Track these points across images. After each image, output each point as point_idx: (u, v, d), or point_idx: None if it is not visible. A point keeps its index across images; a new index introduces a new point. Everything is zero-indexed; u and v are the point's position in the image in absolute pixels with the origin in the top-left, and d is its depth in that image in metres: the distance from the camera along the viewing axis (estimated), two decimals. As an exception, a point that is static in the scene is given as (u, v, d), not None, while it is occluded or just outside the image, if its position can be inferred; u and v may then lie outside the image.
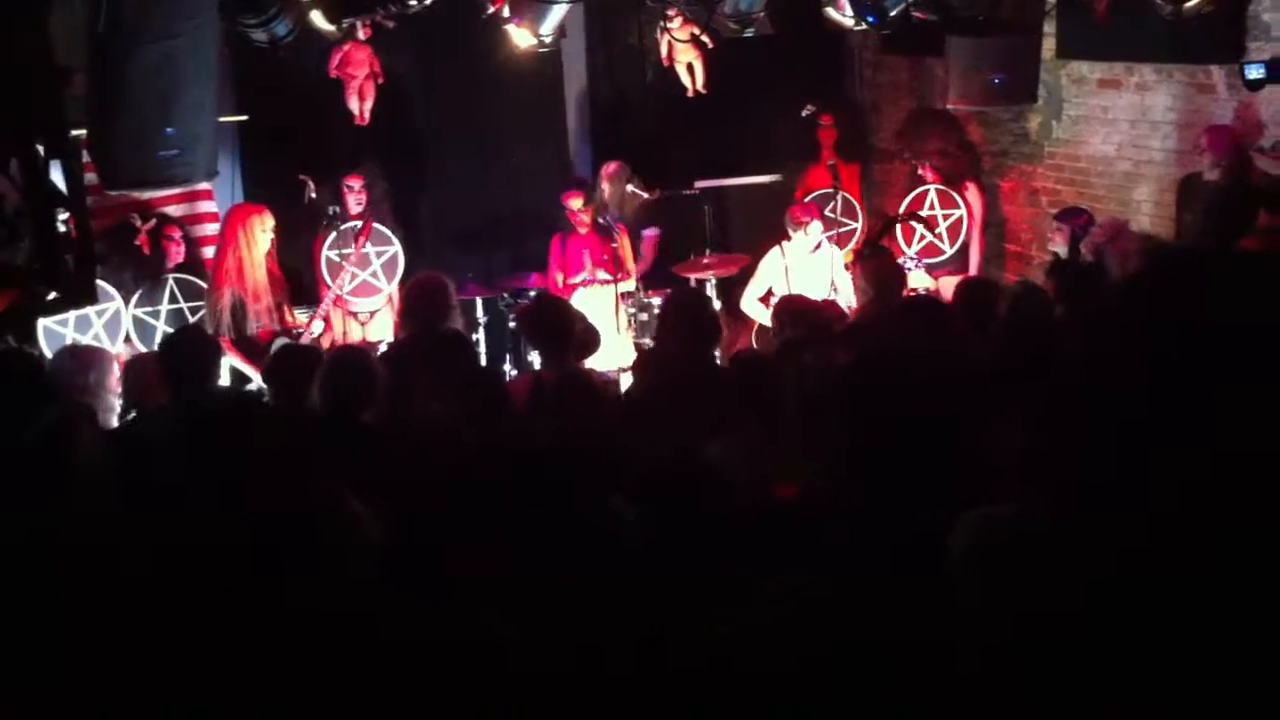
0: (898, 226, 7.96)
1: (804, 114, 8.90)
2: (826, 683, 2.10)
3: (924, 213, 8.23)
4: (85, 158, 5.45)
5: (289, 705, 2.49)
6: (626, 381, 6.74)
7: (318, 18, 5.50)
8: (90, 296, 4.13)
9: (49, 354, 6.29)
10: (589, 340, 5.56)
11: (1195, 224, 7.03)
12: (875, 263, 5.98)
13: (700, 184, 8.95)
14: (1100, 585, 1.52)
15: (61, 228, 3.67)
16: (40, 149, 3.40)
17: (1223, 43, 6.78)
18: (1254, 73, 5.46)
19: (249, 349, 6.87)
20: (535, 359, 6.49)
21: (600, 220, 8.07)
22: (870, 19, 6.32)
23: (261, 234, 6.93)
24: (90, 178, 5.28)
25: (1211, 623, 1.46)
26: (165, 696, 2.56)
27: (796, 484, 3.57)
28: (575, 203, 8.06)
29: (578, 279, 8.08)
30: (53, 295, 3.60)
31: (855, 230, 8.76)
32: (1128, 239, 6.49)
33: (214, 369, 5.30)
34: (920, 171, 8.58)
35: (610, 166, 8.48)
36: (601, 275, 7.97)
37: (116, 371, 5.54)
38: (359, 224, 7.64)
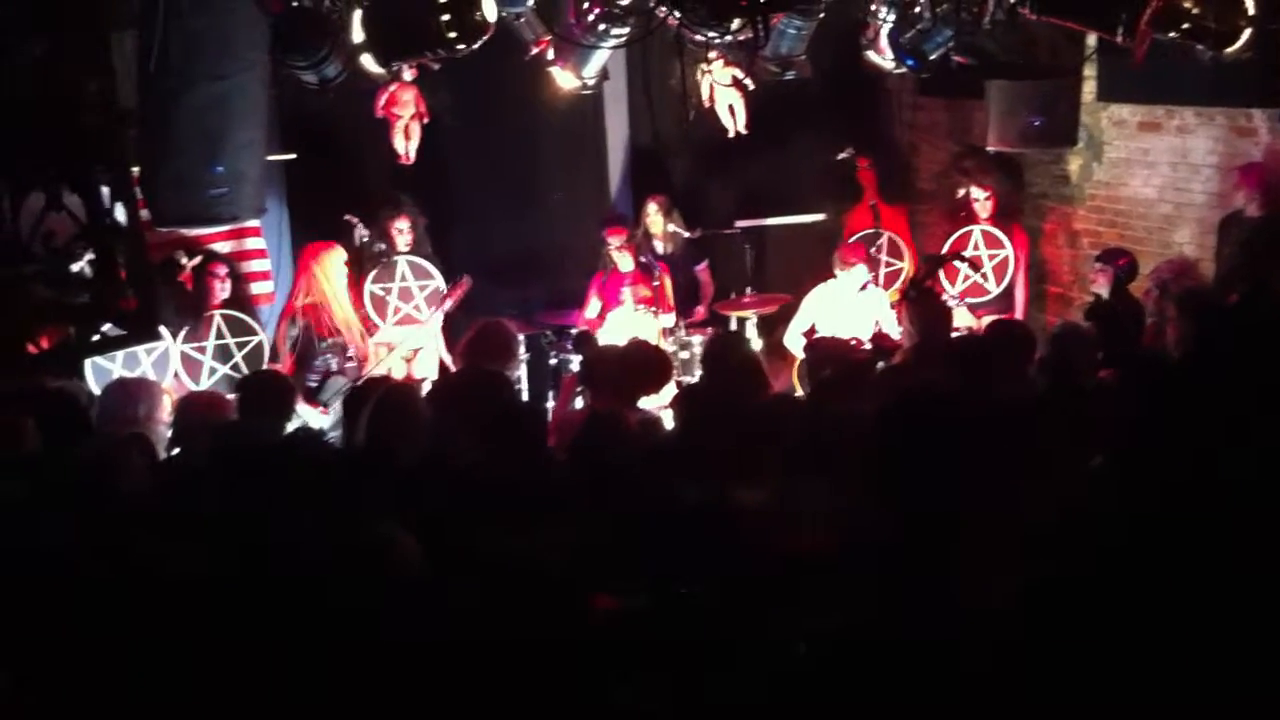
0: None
1: (840, 156, 8.93)
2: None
3: (968, 253, 8.22)
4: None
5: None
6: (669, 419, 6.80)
7: (368, 60, 5.59)
8: (153, 333, 4.15)
9: (96, 390, 6.38)
10: (640, 378, 5.59)
11: (1233, 257, 7.02)
12: (921, 304, 5.98)
13: (740, 223, 8.99)
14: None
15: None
16: (105, 189, 3.48)
17: (1264, 86, 6.75)
18: (1297, 118, 5.41)
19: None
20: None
21: (642, 259, 8.15)
22: (909, 63, 6.35)
23: (338, 269, 7.22)
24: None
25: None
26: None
27: (833, 528, 3.57)
28: (616, 240, 8.14)
29: (614, 312, 8.14)
30: (114, 331, 3.65)
31: (902, 270, 8.76)
32: (1192, 278, 6.46)
33: (288, 410, 5.45)
34: (973, 199, 8.46)
35: (658, 198, 8.61)
36: (643, 310, 8.03)
37: (166, 405, 5.64)
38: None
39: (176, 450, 5.42)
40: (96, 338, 3.82)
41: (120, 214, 3.71)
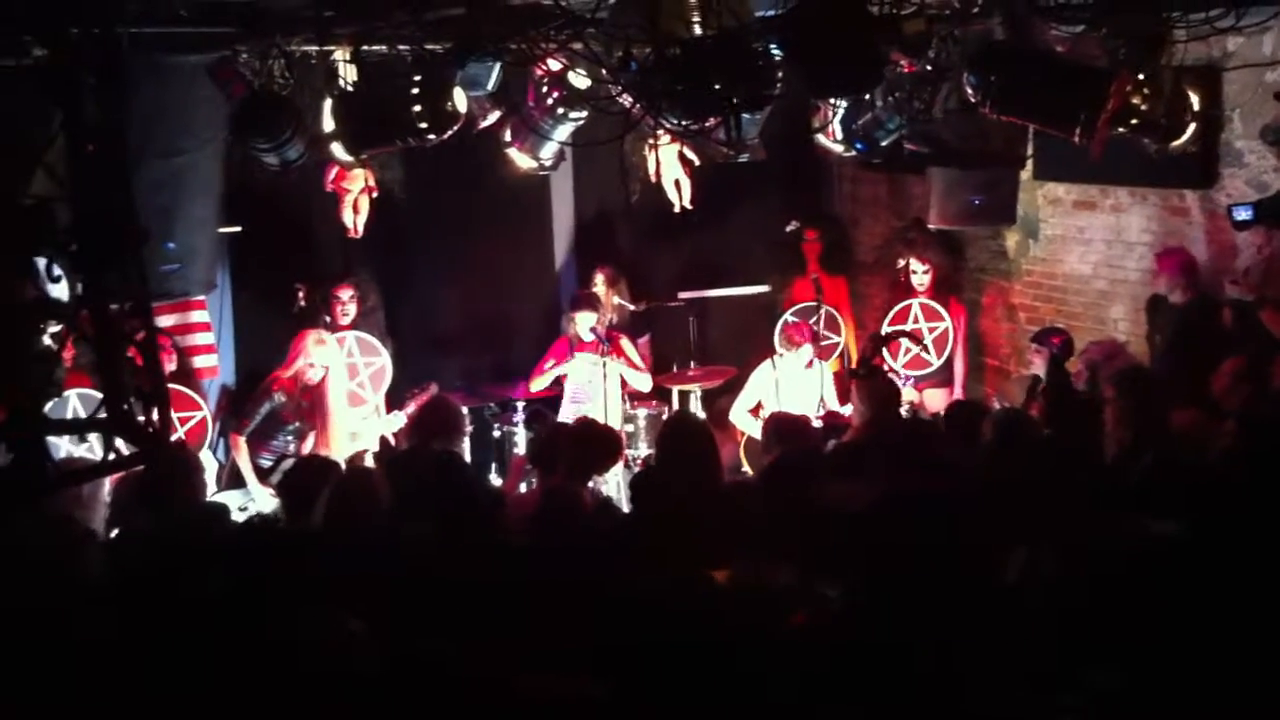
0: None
1: (789, 229, 9.06)
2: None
3: (908, 325, 8.35)
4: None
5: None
6: (606, 489, 6.84)
7: (338, 149, 5.61)
8: (164, 449, 3.93)
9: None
10: (593, 456, 5.61)
11: (1163, 347, 7.15)
12: (871, 383, 6.08)
13: (684, 295, 9.07)
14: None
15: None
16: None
17: (1197, 169, 6.95)
18: (1242, 214, 5.55)
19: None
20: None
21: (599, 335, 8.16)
22: (860, 147, 6.45)
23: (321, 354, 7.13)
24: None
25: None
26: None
27: (806, 610, 3.60)
28: (587, 319, 8.13)
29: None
30: (126, 447, 3.55)
31: (839, 344, 8.87)
32: (1122, 360, 6.56)
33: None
34: (912, 271, 8.56)
35: (605, 269, 8.70)
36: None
37: (106, 484, 5.55)
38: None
39: (116, 531, 5.34)
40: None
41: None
